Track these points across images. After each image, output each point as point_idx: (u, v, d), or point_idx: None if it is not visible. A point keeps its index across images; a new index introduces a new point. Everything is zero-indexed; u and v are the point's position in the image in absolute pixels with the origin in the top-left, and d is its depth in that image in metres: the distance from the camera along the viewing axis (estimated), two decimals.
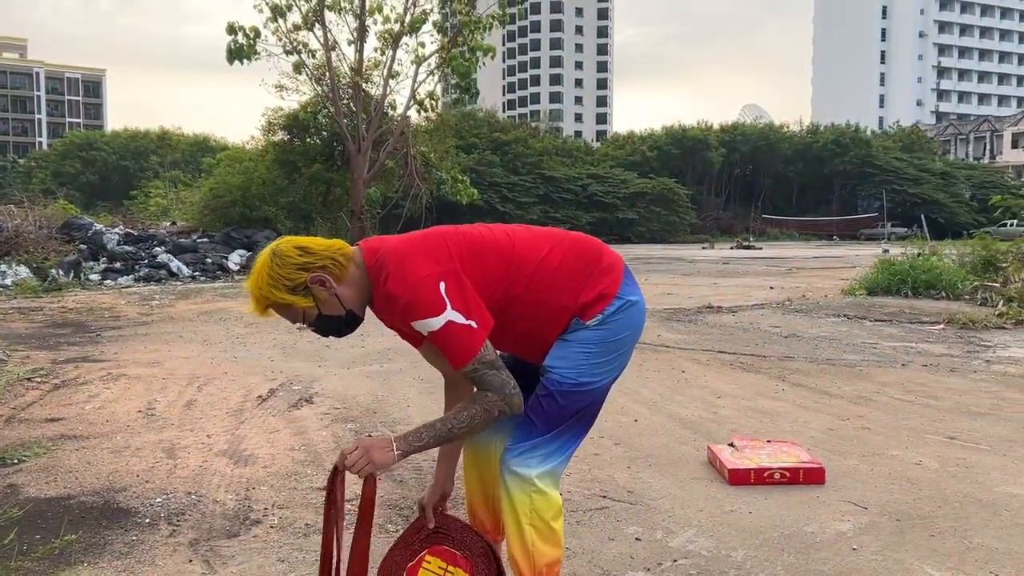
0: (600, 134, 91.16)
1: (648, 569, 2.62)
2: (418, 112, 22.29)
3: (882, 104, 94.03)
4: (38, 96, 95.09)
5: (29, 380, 5.62)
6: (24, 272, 13.75)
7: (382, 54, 21.17)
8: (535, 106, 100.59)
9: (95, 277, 14.57)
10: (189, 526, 3.00)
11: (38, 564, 2.65)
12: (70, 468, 3.68)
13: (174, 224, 24.78)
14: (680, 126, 51.87)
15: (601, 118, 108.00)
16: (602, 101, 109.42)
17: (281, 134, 22.55)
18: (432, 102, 22.27)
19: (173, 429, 4.37)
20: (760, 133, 53.36)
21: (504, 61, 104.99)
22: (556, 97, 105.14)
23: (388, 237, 2.01)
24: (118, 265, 15.57)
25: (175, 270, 15.73)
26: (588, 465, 3.66)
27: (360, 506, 1.91)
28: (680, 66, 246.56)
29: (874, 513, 3.11)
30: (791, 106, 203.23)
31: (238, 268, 16.75)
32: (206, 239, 19.19)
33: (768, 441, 3.86)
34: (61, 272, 13.92)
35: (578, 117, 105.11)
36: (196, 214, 22.77)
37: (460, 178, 23.55)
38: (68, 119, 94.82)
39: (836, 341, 7.45)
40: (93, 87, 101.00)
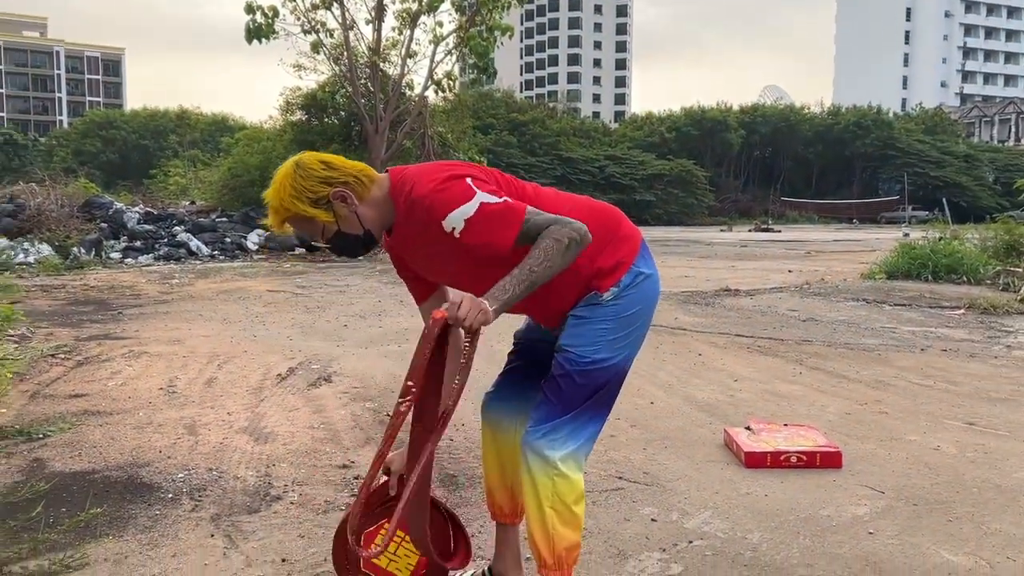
0: (618, 115, 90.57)
1: (663, 549, 2.63)
2: (436, 92, 22.19)
3: (905, 85, 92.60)
4: (58, 75, 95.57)
5: (53, 356, 5.70)
6: (46, 250, 13.92)
7: (400, 33, 21.04)
8: (553, 86, 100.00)
9: (116, 255, 14.71)
10: (211, 501, 3.05)
11: (64, 536, 2.70)
12: (94, 443, 3.74)
13: (193, 203, 24.99)
14: (699, 107, 51.48)
15: (619, 99, 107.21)
16: (620, 82, 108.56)
17: (299, 114, 22.55)
18: (450, 82, 22.16)
19: (194, 406, 4.43)
20: (780, 114, 52.88)
21: (522, 41, 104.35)
22: (574, 77, 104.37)
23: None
24: (138, 244, 15.71)
25: (194, 249, 15.84)
26: (604, 446, 3.67)
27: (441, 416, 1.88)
28: (700, 46, 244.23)
29: (891, 497, 3.11)
30: (812, 87, 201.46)
31: (256, 247, 16.86)
32: (225, 218, 19.32)
33: (785, 424, 3.86)
34: (83, 250, 14.07)
35: (596, 98, 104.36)
36: (215, 193, 22.91)
37: (477, 159, 23.47)
38: (88, 98, 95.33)
39: (855, 325, 7.40)
40: (113, 66, 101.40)
